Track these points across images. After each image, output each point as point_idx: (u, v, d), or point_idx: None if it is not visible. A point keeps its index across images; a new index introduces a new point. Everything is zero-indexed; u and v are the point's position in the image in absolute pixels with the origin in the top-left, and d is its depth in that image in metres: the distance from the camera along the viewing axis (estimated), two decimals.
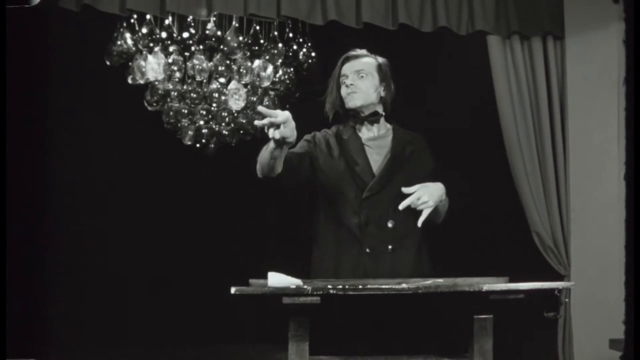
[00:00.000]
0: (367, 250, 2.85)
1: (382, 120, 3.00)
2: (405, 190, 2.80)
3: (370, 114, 2.97)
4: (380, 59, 3.01)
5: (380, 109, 2.98)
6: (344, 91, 2.97)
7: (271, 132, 2.41)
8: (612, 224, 3.35)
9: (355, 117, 2.99)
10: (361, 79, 2.94)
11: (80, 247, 5.16)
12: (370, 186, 2.90)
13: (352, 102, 2.94)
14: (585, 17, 3.51)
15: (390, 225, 2.85)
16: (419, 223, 2.80)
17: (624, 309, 1.32)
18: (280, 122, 2.40)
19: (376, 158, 2.95)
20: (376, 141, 2.99)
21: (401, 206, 2.79)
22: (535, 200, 3.48)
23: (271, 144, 2.52)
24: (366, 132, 3.00)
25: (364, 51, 3.01)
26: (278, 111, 2.41)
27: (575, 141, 3.51)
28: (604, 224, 3.43)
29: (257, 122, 2.41)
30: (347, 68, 2.97)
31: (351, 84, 2.93)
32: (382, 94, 2.97)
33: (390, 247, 2.84)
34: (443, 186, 2.85)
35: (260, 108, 2.40)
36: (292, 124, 2.46)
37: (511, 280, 2.56)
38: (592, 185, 3.48)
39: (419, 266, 2.85)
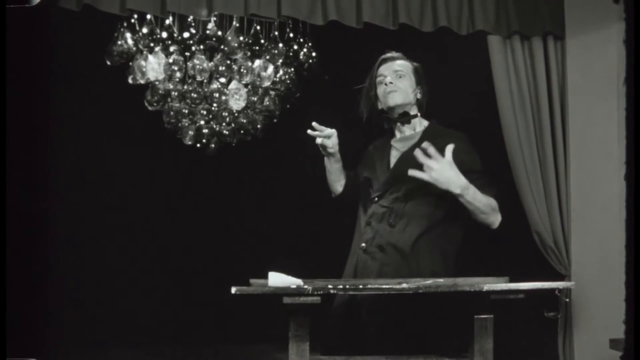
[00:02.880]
0: (362, 248, 2.91)
1: (416, 120, 3.04)
2: (422, 158, 2.73)
3: (400, 115, 3.02)
4: (415, 63, 3.09)
5: (415, 110, 3.04)
6: (382, 90, 3.04)
7: (319, 140, 3.02)
8: (612, 224, 3.35)
9: (387, 119, 3.05)
10: (400, 79, 3.01)
11: (80, 247, 5.16)
12: (378, 187, 2.97)
13: (393, 100, 3.00)
14: (586, 17, 3.50)
15: (390, 223, 2.87)
16: (409, 172, 2.76)
17: (625, 309, 1.32)
18: (325, 135, 3.01)
19: None
20: (403, 142, 3.03)
21: (410, 172, 2.76)
22: (536, 200, 3.47)
23: (325, 158, 3.12)
24: (398, 134, 3.07)
25: (399, 54, 3.09)
26: (325, 128, 3.02)
27: (576, 141, 3.51)
28: (604, 224, 3.43)
29: (309, 132, 3.01)
30: (385, 68, 3.04)
31: (391, 82, 2.99)
32: (419, 95, 3.04)
33: (380, 245, 2.87)
34: (464, 184, 2.74)
35: (314, 124, 3.01)
36: (335, 139, 3.04)
37: (511, 280, 2.56)
38: (593, 185, 3.48)
39: (404, 267, 2.82)
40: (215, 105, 4.65)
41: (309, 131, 3.00)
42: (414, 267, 2.81)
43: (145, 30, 4.27)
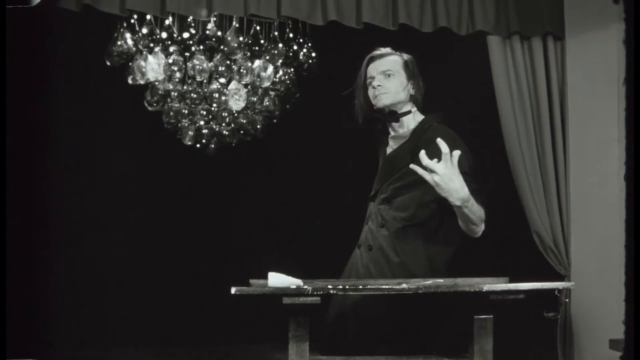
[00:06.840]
0: (359, 247, 2.94)
1: (410, 117, 2.94)
2: (427, 163, 2.58)
3: (388, 115, 2.93)
4: (406, 56, 2.96)
5: (409, 107, 2.93)
6: (371, 93, 2.93)
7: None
8: (612, 224, 3.35)
9: (379, 119, 2.98)
10: (388, 79, 2.90)
11: (80, 247, 5.16)
12: (374, 186, 2.97)
13: (381, 101, 2.90)
14: (586, 17, 3.50)
15: (379, 223, 2.86)
16: (410, 166, 2.64)
17: (624, 309, 1.32)
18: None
19: None
20: (395, 140, 2.96)
21: (412, 166, 2.64)
22: (536, 200, 3.48)
23: None
24: (392, 132, 2.99)
25: (388, 49, 2.97)
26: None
27: (576, 141, 3.51)
28: (604, 224, 3.43)
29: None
30: (373, 69, 2.93)
31: (379, 85, 2.89)
32: (412, 91, 2.93)
33: (369, 245, 2.87)
34: (466, 196, 2.60)
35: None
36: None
37: (511, 281, 2.56)
38: (592, 185, 3.48)
39: (387, 268, 2.80)
40: (215, 105, 4.65)
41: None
42: (395, 268, 2.78)
43: (145, 30, 4.27)
